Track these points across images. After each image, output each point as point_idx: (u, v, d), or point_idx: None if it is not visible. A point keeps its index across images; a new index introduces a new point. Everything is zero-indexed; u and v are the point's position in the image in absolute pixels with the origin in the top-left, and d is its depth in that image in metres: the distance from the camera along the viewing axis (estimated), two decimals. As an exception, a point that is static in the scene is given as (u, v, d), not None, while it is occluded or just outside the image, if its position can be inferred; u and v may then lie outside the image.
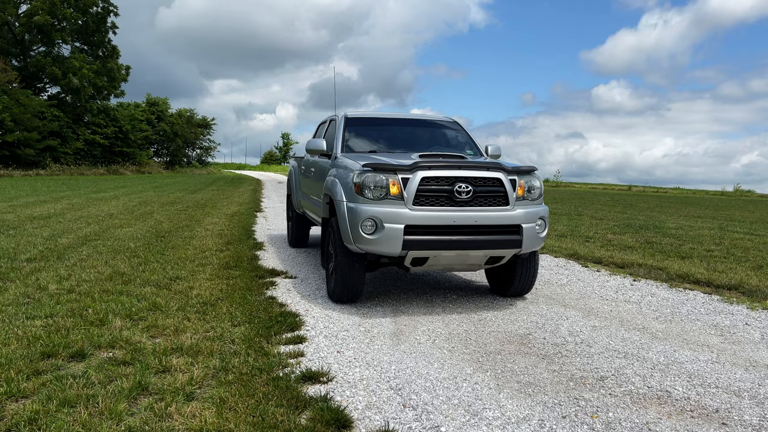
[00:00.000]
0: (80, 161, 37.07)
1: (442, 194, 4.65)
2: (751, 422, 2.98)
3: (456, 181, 4.65)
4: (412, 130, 6.64)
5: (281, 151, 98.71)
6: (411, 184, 4.62)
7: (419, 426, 2.84)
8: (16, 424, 2.64)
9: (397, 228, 4.56)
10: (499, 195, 4.79)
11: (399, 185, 4.64)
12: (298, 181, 8.07)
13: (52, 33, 37.17)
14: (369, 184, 4.68)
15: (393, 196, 4.64)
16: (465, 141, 6.58)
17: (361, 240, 4.66)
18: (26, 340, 3.74)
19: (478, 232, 4.70)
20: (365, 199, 4.68)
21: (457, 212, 4.65)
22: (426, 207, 4.63)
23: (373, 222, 4.62)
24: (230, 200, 16.64)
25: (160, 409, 2.83)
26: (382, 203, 4.65)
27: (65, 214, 11.36)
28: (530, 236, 4.88)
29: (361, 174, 4.74)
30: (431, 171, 4.64)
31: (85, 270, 5.99)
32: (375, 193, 4.67)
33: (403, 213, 4.59)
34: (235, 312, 4.58)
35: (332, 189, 5.19)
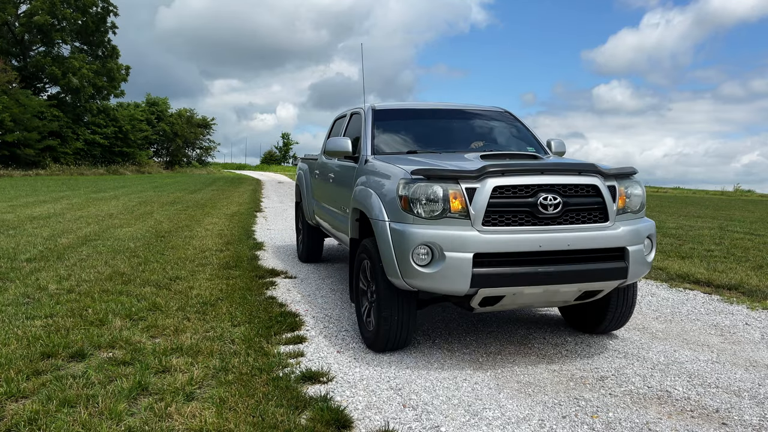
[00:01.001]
0: (80, 161, 37.05)
1: (521, 209, 3.47)
2: (751, 422, 2.98)
3: (539, 190, 3.48)
4: (456, 123, 5.40)
5: (281, 151, 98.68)
6: (479, 197, 3.43)
7: (419, 426, 2.84)
8: (16, 424, 2.64)
9: (464, 258, 3.35)
10: (596, 207, 3.61)
11: (463, 198, 3.45)
12: (310, 187, 6.85)
13: (52, 33, 37.16)
14: (421, 197, 3.48)
15: (455, 213, 3.45)
16: (522, 135, 5.37)
17: (412, 274, 3.46)
18: (26, 340, 3.74)
19: (569, 259, 3.54)
20: (416, 218, 3.48)
21: (544, 233, 3.47)
22: (500, 227, 3.45)
23: (428, 250, 3.43)
24: (230, 200, 16.64)
25: (160, 409, 2.83)
26: (439, 223, 3.46)
27: (65, 214, 11.36)
28: (637, 261, 3.68)
29: (409, 184, 3.54)
30: (506, 178, 3.47)
31: (85, 270, 5.99)
32: (430, 209, 3.47)
33: (470, 237, 3.39)
34: (235, 312, 4.58)
35: (366, 203, 4.02)
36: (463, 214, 3.45)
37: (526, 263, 3.47)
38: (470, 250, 3.38)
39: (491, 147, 5.03)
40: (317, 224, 6.56)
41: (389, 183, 3.81)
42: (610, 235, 3.61)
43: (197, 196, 17.54)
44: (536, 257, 3.48)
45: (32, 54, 38.20)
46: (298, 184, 7.52)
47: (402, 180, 3.62)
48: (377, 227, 3.74)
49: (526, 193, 3.49)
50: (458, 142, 5.15)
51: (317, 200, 6.43)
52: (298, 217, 7.76)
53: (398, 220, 3.60)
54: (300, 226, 7.54)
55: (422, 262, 3.44)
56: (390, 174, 3.89)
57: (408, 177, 3.59)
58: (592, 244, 3.56)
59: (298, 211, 7.67)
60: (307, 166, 7.15)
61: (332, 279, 6.22)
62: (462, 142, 5.12)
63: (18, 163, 31.62)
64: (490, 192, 3.44)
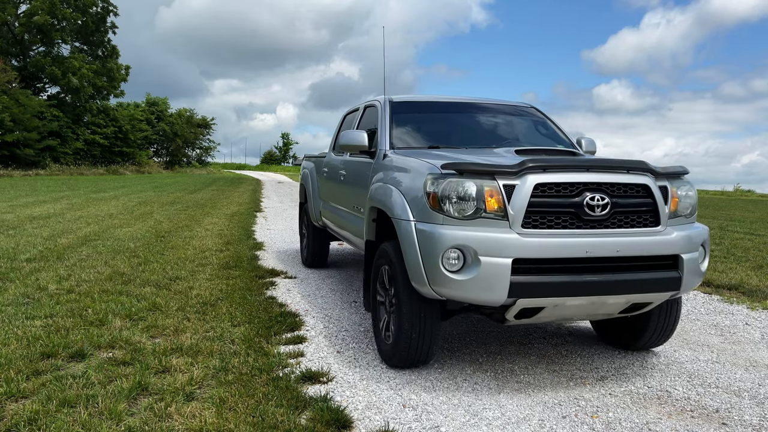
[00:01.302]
0: (80, 161, 37.05)
1: (565, 210, 3.13)
2: (751, 422, 2.98)
3: (585, 189, 3.14)
4: (480, 118, 5.04)
5: (281, 151, 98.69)
6: (519, 195, 3.07)
7: (419, 426, 2.84)
8: (16, 424, 2.64)
9: (501, 264, 3.00)
10: (647, 210, 3.28)
11: (500, 196, 3.08)
12: (316, 187, 6.44)
13: (52, 33, 37.16)
14: (452, 194, 3.12)
15: (490, 213, 3.09)
16: (550, 133, 5.00)
17: (441, 281, 3.10)
18: (26, 340, 3.74)
19: (617, 267, 3.19)
20: (446, 217, 3.13)
21: (590, 237, 3.13)
22: (542, 230, 3.10)
23: (460, 254, 3.07)
24: (230, 200, 16.64)
25: (160, 409, 2.83)
26: (473, 224, 3.10)
27: (65, 214, 11.36)
28: (691, 271, 3.35)
29: (439, 179, 3.18)
30: (548, 174, 3.12)
31: (85, 270, 5.99)
32: (462, 208, 3.12)
33: (508, 240, 3.03)
34: (235, 312, 4.58)
35: (386, 201, 3.68)
36: (500, 215, 3.09)
37: (571, 271, 3.12)
38: (509, 254, 3.01)
39: (519, 144, 4.57)
40: (324, 226, 6.20)
41: (414, 179, 3.45)
42: (662, 241, 3.25)
43: (197, 196, 17.54)
44: (581, 264, 3.13)
45: (32, 54, 38.19)
46: (302, 183, 7.14)
47: (430, 175, 3.26)
48: (401, 228, 3.38)
49: (570, 192, 3.13)
50: (482, 138, 4.77)
51: (325, 200, 6.06)
52: (302, 219, 7.33)
53: (425, 219, 3.23)
54: (304, 229, 7.14)
55: (453, 267, 3.08)
56: (415, 169, 3.54)
57: (437, 172, 3.24)
58: (644, 250, 3.21)
59: (303, 213, 7.24)
60: (313, 165, 6.75)
61: (332, 279, 6.22)
62: (486, 139, 4.75)
63: (18, 163, 31.61)
64: (531, 190, 3.07)
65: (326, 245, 6.71)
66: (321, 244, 6.66)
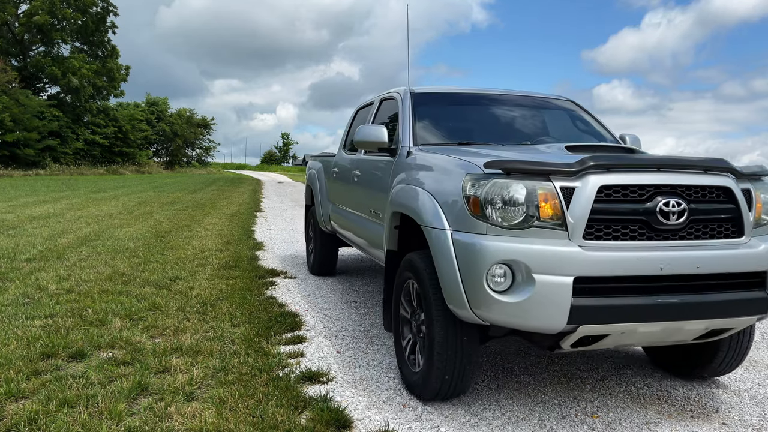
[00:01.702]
0: (80, 161, 37.03)
1: (634, 218, 2.63)
2: (751, 422, 2.98)
3: (656, 193, 2.65)
4: (512, 112, 4.53)
5: (281, 151, 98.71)
6: (579, 200, 2.58)
7: (419, 426, 2.84)
8: (15, 425, 2.64)
9: (560, 283, 2.52)
10: (728, 217, 2.77)
11: (557, 201, 2.59)
12: (324, 189, 6.00)
13: (52, 33, 37.15)
14: (497, 198, 2.63)
15: (545, 221, 2.60)
16: (592, 129, 4.48)
17: (485, 303, 2.62)
18: (26, 340, 3.74)
19: (695, 287, 2.69)
20: (491, 226, 2.64)
21: (665, 251, 2.63)
22: (607, 242, 2.62)
23: (507, 271, 2.59)
24: (230, 200, 16.64)
25: (160, 410, 2.83)
26: (524, 235, 2.61)
27: (65, 214, 11.36)
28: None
29: (481, 181, 2.70)
30: (614, 175, 2.63)
31: (85, 270, 5.99)
32: (510, 215, 2.62)
33: (569, 254, 2.55)
34: (235, 312, 4.58)
35: (412, 205, 3.22)
36: (557, 223, 2.60)
37: (642, 291, 2.62)
38: (569, 272, 2.53)
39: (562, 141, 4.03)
40: (333, 231, 5.73)
41: (449, 180, 2.96)
42: (748, 255, 2.74)
43: (197, 196, 17.54)
44: (655, 283, 2.63)
45: (32, 54, 38.19)
46: (309, 185, 6.65)
47: (470, 176, 2.78)
48: (433, 238, 2.89)
49: (640, 197, 2.64)
50: (518, 133, 4.27)
51: (335, 203, 5.60)
52: (308, 223, 6.85)
53: (465, 228, 2.73)
54: (311, 233, 6.63)
55: (500, 287, 2.59)
56: (450, 168, 3.05)
57: (478, 171, 2.76)
58: (727, 266, 2.71)
59: (309, 217, 6.76)
60: (321, 165, 6.28)
61: (332, 279, 6.22)
62: (522, 135, 4.25)
63: (18, 163, 31.60)
64: (595, 193, 2.58)
65: (335, 251, 6.24)
66: (329, 250, 6.18)
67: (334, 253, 6.25)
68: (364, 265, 6.98)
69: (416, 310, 3.23)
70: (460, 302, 2.73)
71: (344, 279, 6.21)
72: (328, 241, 6.08)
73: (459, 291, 2.71)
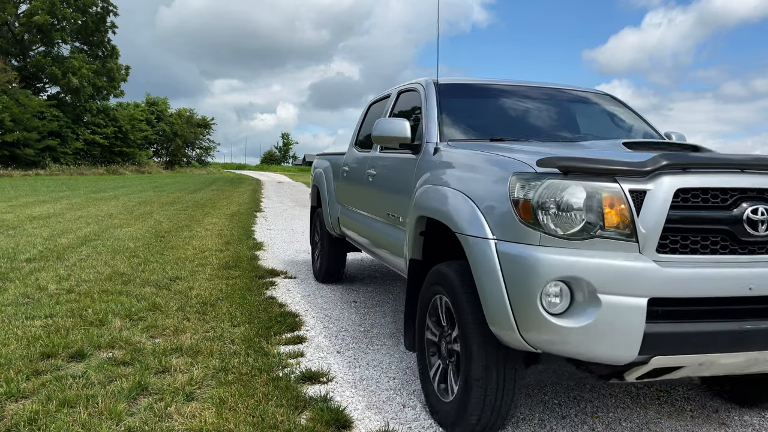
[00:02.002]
0: (80, 161, 37.04)
1: (716, 227, 2.24)
2: (751, 422, 2.98)
3: (741, 198, 2.25)
4: (550, 105, 4.14)
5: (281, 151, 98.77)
6: (652, 206, 2.18)
7: (419, 426, 2.84)
8: (15, 425, 2.64)
9: (632, 305, 2.12)
10: None
11: (626, 207, 2.18)
12: (333, 189, 5.64)
13: (52, 33, 37.15)
14: (553, 203, 2.22)
15: (611, 230, 2.19)
16: (635, 125, 4.12)
17: (538, 326, 2.22)
18: (26, 340, 3.73)
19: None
20: (546, 236, 2.24)
21: (753, 266, 2.24)
22: (685, 256, 2.22)
23: (565, 289, 2.19)
24: (230, 200, 16.64)
25: (160, 410, 2.82)
26: (586, 247, 2.21)
27: (65, 214, 11.36)
28: None
29: (532, 182, 2.29)
30: (691, 176, 2.23)
31: (85, 270, 5.99)
32: (570, 223, 2.21)
33: (642, 270, 2.15)
34: (235, 312, 4.58)
35: (443, 208, 2.83)
36: (626, 233, 2.18)
37: (728, 315, 2.22)
38: (643, 292, 2.12)
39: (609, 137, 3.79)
40: (342, 235, 5.37)
41: (491, 180, 2.56)
42: None
43: (197, 196, 17.54)
44: (742, 306, 2.23)
45: (32, 54, 38.19)
46: (315, 185, 6.27)
47: (518, 176, 2.36)
48: (472, 248, 2.48)
49: (723, 202, 2.24)
50: (558, 129, 3.92)
51: (344, 205, 5.22)
52: (314, 226, 6.46)
53: (513, 238, 2.32)
54: (317, 237, 6.25)
55: (555, 308, 2.18)
56: (492, 166, 2.65)
57: (529, 170, 2.35)
58: None
59: (315, 219, 6.39)
60: (329, 164, 5.90)
61: (332, 279, 6.21)
62: (558, 131, 3.90)
63: (18, 163, 31.60)
64: (671, 198, 2.18)
65: (343, 256, 5.85)
66: (337, 255, 5.79)
67: (342, 258, 5.87)
68: (364, 265, 6.98)
69: (446, 331, 2.85)
70: (505, 324, 2.31)
71: (344, 279, 6.20)
72: (336, 245, 5.72)
73: (505, 312, 2.30)
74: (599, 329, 2.13)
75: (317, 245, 6.23)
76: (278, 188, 25.54)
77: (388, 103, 4.66)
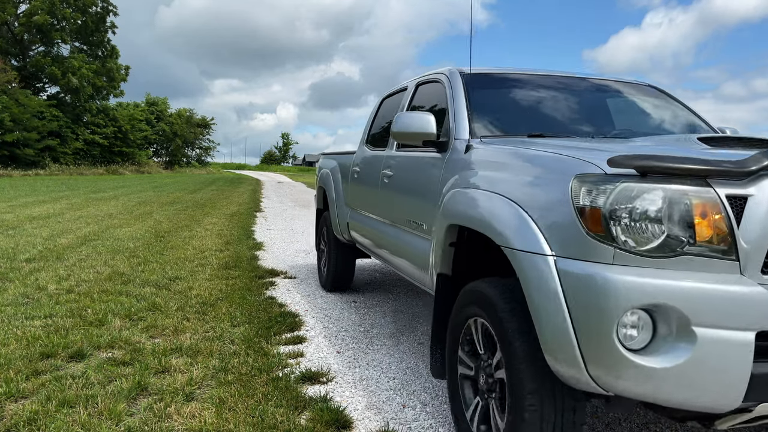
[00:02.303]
0: (79, 161, 37.04)
1: None
2: (751, 422, 2.97)
3: None
4: (591, 98, 3.74)
5: (281, 151, 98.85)
6: (755, 215, 1.79)
7: (419, 426, 2.83)
8: (15, 425, 2.64)
9: (736, 340, 1.73)
10: None
11: (722, 217, 1.79)
12: (341, 191, 5.24)
13: (52, 33, 37.16)
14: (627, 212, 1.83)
15: (704, 245, 1.80)
16: (686, 120, 3.72)
17: (612, 365, 1.80)
18: (25, 340, 3.73)
19: None
20: (622, 252, 1.83)
21: None
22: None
23: (646, 320, 1.78)
24: (230, 200, 16.64)
25: (160, 410, 2.82)
26: (672, 266, 1.81)
27: (64, 214, 11.36)
28: None
29: (602, 185, 1.88)
30: None
31: (85, 270, 5.99)
32: (650, 236, 1.82)
33: (748, 296, 1.75)
34: (235, 312, 4.58)
35: (483, 216, 2.40)
36: (722, 250, 1.78)
37: None
38: (750, 324, 1.72)
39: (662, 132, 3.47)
40: (352, 241, 4.95)
41: (545, 182, 2.13)
42: None
43: (197, 196, 17.54)
44: None
45: (32, 54, 38.20)
46: (322, 186, 5.85)
47: (582, 177, 1.93)
48: (524, 265, 2.05)
49: None
50: (599, 124, 3.49)
51: (355, 209, 4.80)
52: (320, 231, 6.00)
53: (578, 254, 1.89)
54: (323, 243, 5.82)
55: (634, 343, 1.77)
56: (547, 166, 2.21)
57: (597, 171, 1.91)
58: None
59: (321, 224, 5.93)
60: (336, 164, 5.50)
61: (332, 279, 6.21)
62: (604, 125, 3.49)
63: (17, 163, 31.60)
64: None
65: (352, 264, 5.41)
66: (346, 262, 5.35)
67: (351, 265, 5.43)
68: (364, 265, 6.98)
69: (484, 360, 2.40)
70: (568, 359, 1.88)
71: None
72: (345, 252, 5.29)
73: (568, 344, 1.86)
74: (693, 371, 1.72)
75: (324, 252, 5.80)
76: (278, 188, 25.54)
77: (404, 97, 4.25)
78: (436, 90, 3.71)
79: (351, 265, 5.44)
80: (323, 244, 5.83)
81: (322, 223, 5.93)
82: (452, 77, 3.49)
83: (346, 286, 5.56)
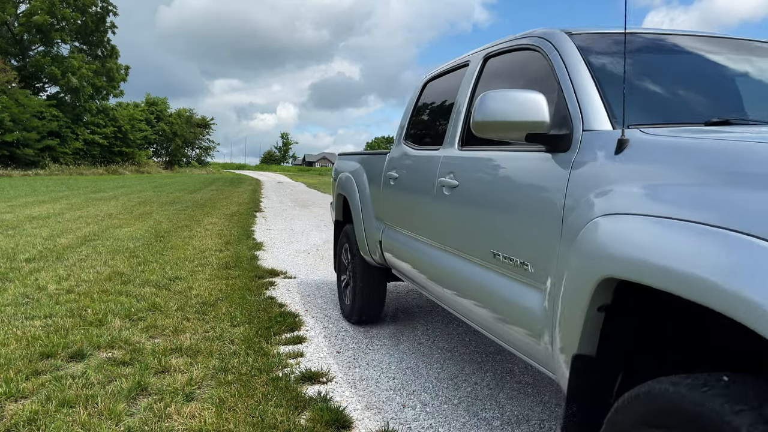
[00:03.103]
0: (79, 161, 37.06)
1: None
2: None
3: None
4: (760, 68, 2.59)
5: (281, 151, 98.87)
6: None
7: (419, 426, 2.83)
8: (15, 425, 2.64)
9: None
10: None
11: None
12: (369, 201, 4.21)
13: (51, 33, 37.18)
14: None
15: None
16: None
17: None
18: (25, 340, 3.73)
19: None
20: None
21: None
22: None
23: None
24: (229, 200, 16.64)
25: (160, 410, 2.82)
26: None
27: (64, 214, 11.36)
28: None
29: None
30: None
31: (84, 270, 5.99)
32: None
33: None
34: (235, 312, 4.58)
35: (699, 272, 1.21)
36: None
37: None
38: None
39: None
40: (385, 264, 4.02)
41: None
42: None
43: (196, 196, 17.54)
44: None
45: (31, 54, 38.22)
46: (342, 193, 4.75)
47: None
48: None
49: None
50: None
51: (390, 225, 3.80)
52: (340, 248, 4.89)
53: None
54: (346, 262, 4.70)
55: None
56: None
57: None
58: None
59: (342, 239, 4.78)
60: (360, 166, 4.50)
61: (332, 279, 6.21)
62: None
63: (17, 163, 31.60)
64: None
65: (383, 290, 4.41)
66: (375, 288, 4.33)
67: (382, 292, 4.41)
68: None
69: None
70: None
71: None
72: (375, 275, 4.29)
73: None
74: None
75: (347, 275, 4.65)
76: (278, 188, 25.54)
77: (464, 77, 3.12)
78: (522, 62, 2.65)
79: (382, 292, 4.41)
80: (346, 264, 4.69)
81: (342, 238, 4.79)
82: (557, 41, 2.36)
83: (376, 317, 4.47)
